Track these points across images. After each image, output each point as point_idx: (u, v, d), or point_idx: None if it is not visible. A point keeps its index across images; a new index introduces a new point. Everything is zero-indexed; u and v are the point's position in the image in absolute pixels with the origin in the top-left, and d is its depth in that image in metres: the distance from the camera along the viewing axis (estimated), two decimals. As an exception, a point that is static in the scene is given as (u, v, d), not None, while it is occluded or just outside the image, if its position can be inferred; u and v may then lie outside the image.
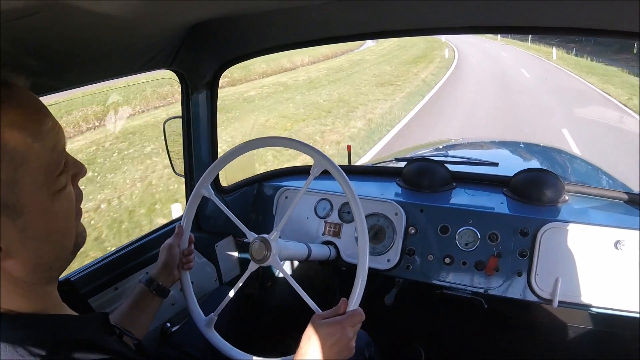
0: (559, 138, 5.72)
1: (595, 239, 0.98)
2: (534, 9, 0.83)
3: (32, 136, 0.44)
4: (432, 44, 21.39)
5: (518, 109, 7.69)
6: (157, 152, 5.34)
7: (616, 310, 0.96)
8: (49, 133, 0.46)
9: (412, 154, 1.99)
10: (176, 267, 0.90)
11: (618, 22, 0.83)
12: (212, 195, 0.88)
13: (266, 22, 0.97)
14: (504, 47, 22.58)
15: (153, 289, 0.85)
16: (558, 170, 1.74)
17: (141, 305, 0.84)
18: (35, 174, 0.44)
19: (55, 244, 0.48)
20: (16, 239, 0.44)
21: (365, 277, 0.74)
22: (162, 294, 0.87)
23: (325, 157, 0.78)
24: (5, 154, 0.41)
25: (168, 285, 0.88)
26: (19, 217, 0.43)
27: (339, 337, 0.67)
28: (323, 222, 1.22)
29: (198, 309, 0.88)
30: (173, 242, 0.91)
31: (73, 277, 0.95)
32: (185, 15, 0.82)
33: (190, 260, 0.93)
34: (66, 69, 0.74)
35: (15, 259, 0.44)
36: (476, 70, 13.49)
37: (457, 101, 8.61)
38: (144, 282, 0.86)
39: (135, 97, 8.29)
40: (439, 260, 1.09)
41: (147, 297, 0.85)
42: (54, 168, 0.46)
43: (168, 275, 0.88)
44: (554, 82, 11.03)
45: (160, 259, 0.90)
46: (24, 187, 0.43)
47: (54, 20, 0.55)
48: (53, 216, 0.47)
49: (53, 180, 0.46)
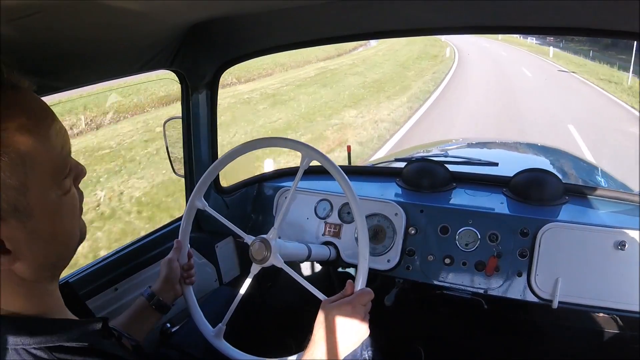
0: (565, 133, 5.79)
1: (595, 239, 0.98)
2: (534, 9, 0.83)
3: (42, 139, 0.44)
4: (434, 42, 21.49)
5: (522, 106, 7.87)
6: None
7: (616, 311, 0.96)
8: (56, 136, 0.46)
9: (412, 154, 1.99)
10: (178, 282, 0.90)
11: (618, 22, 0.83)
12: (206, 206, 0.88)
13: (266, 22, 0.97)
14: (504, 46, 22.71)
15: (153, 303, 0.85)
16: (558, 170, 1.74)
17: (140, 319, 0.85)
18: (45, 177, 0.45)
19: (61, 244, 0.49)
20: (24, 241, 0.44)
21: (367, 259, 0.74)
22: (161, 310, 0.87)
23: (313, 149, 0.79)
24: (16, 157, 0.42)
25: (169, 301, 0.88)
26: (29, 220, 0.44)
27: (352, 317, 0.67)
28: (323, 222, 1.22)
29: (205, 321, 0.88)
30: (172, 257, 0.91)
31: (73, 277, 0.95)
32: (185, 15, 0.83)
33: (192, 275, 0.93)
34: (66, 69, 0.74)
35: (22, 260, 0.44)
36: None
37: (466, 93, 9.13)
38: (145, 296, 0.86)
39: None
40: (439, 260, 1.09)
41: (146, 311, 0.85)
42: (61, 170, 0.47)
43: (170, 290, 0.88)
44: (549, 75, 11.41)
45: (161, 273, 0.90)
46: (34, 190, 0.44)
47: (55, 20, 0.55)
48: (60, 217, 0.47)
49: (60, 183, 0.47)
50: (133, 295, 1.02)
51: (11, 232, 0.43)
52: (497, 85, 10.34)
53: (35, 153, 0.43)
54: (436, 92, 9.62)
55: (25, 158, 0.42)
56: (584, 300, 0.97)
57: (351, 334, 0.67)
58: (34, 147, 0.43)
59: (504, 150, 2.28)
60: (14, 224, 0.43)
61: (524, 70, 13.30)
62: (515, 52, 20.41)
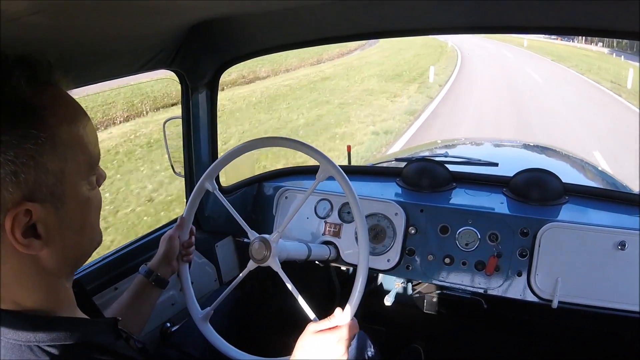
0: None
1: (595, 239, 0.98)
2: (534, 9, 0.83)
3: (81, 132, 0.47)
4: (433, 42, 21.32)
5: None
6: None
7: (616, 311, 0.96)
8: (91, 133, 0.49)
9: (412, 154, 2.00)
10: (175, 259, 0.90)
11: (618, 22, 0.83)
12: (215, 189, 0.88)
13: (266, 22, 0.97)
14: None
15: (152, 279, 0.86)
16: (558, 170, 1.74)
17: (141, 297, 0.85)
18: (82, 166, 0.47)
19: (86, 237, 0.50)
20: (56, 227, 0.45)
21: (364, 286, 0.75)
22: (161, 285, 0.88)
23: (331, 162, 0.79)
24: (59, 143, 0.44)
25: (167, 276, 0.89)
26: (62, 207, 0.45)
27: (331, 352, 0.68)
28: (323, 222, 1.22)
29: (195, 302, 0.88)
30: (173, 234, 0.91)
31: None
32: (185, 15, 0.83)
33: (190, 253, 0.94)
34: (66, 69, 0.74)
35: (50, 248, 0.45)
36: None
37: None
38: (143, 274, 0.87)
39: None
40: (439, 260, 1.09)
41: (146, 288, 0.86)
42: (93, 166, 0.49)
43: (167, 266, 0.89)
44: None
45: (160, 250, 0.90)
46: (70, 179, 0.46)
47: (55, 20, 0.55)
48: (88, 210, 0.49)
49: (90, 178, 0.49)
50: None
51: (45, 217, 0.44)
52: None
53: (74, 143, 0.46)
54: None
55: (67, 146, 0.45)
56: (584, 300, 0.97)
57: None
58: (75, 137, 0.46)
59: (504, 150, 2.27)
60: (48, 208, 0.44)
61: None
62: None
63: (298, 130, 6.59)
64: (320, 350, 0.68)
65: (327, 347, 0.68)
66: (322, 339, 0.69)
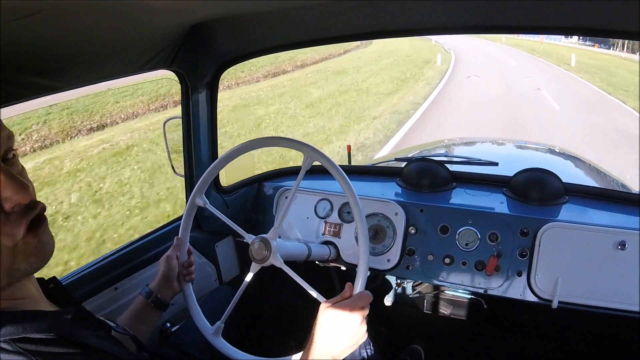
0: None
1: (595, 239, 0.98)
2: (534, 9, 0.83)
3: None
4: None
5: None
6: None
7: (616, 311, 0.96)
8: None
9: (412, 154, 1.99)
10: (176, 279, 0.90)
11: (618, 22, 0.83)
12: (206, 204, 0.89)
13: (266, 22, 0.97)
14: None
15: (152, 301, 0.86)
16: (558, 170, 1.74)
17: (140, 318, 0.85)
18: None
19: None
20: None
21: (367, 261, 0.74)
22: (160, 307, 0.88)
23: (316, 150, 0.79)
24: None
25: (168, 298, 0.89)
26: None
27: (350, 320, 0.67)
28: (323, 222, 1.22)
29: (203, 319, 0.88)
30: (171, 254, 0.91)
31: (73, 277, 0.95)
32: (185, 15, 0.83)
33: (191, 272, 0.94)
34: (66, 69, 0.74)
35: None
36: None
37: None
38: (143, 295, 0.87)
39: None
40: (439, 260, 1.09)
41: (145, 310, 0.86)
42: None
43: (168, 287, 0.89)
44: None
45: (159, 271, 0.90)
46: None
47: (55, 20, 0.56)
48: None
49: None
50: (133, 294, 1.02)
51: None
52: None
53: None
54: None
55: None
56: (584, 300, 0.97)
57: (348, 336, 0.67)
58: None
59: (504, 150, 2.27)
60: None
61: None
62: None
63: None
64: (337, 323, 0.67)
65: (344, 318, 0.68)
66: (337, 311, 0.68)
